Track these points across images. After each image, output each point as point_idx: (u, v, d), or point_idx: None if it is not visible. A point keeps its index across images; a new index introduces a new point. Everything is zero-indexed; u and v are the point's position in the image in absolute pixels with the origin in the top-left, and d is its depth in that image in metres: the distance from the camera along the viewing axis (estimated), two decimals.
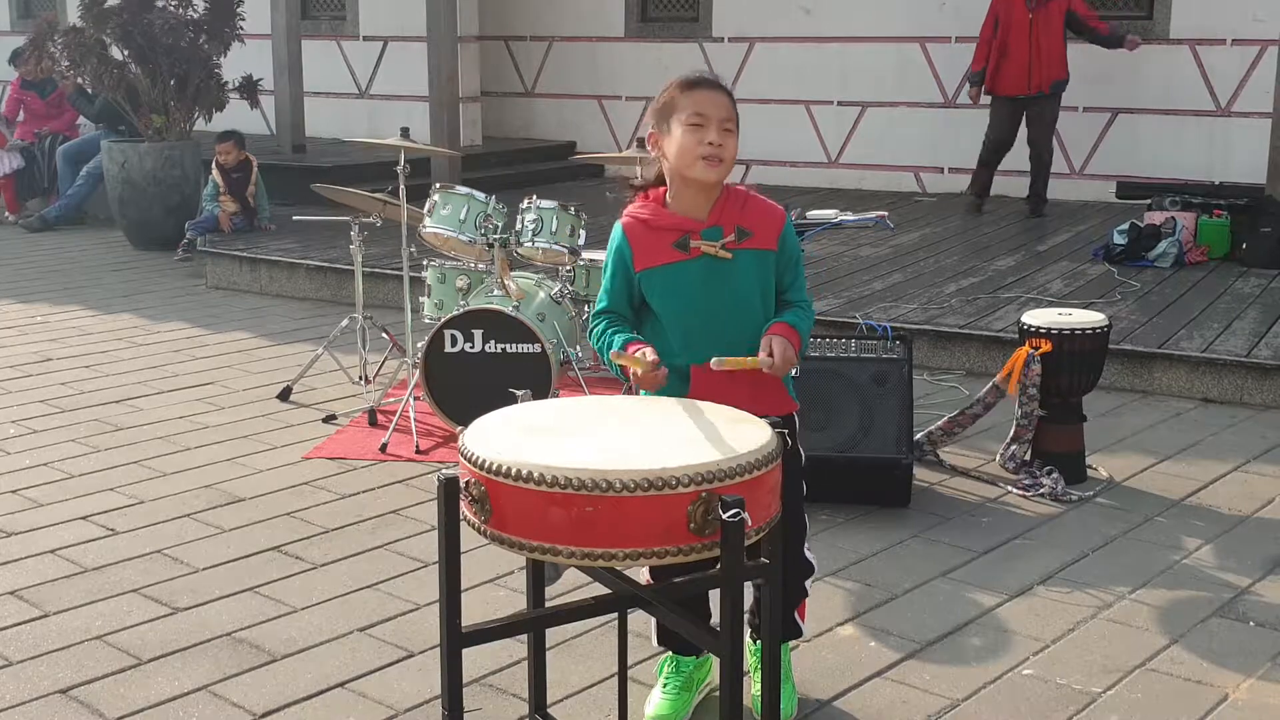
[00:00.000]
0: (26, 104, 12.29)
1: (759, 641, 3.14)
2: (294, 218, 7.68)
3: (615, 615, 2.99)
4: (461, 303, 5.60)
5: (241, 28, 10.53)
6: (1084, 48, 9.95)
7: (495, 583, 4.18)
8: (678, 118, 3.03)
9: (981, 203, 10.31)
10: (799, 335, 3.07)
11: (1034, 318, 5.15)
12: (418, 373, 5.57)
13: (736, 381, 3.01)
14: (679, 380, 3.09)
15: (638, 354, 2.94)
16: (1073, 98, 10.12)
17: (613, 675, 3.24)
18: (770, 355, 2.96)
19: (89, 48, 10.28)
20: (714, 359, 2.92)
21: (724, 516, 2.37)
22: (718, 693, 2.90)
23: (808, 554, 3.41)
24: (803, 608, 3.48)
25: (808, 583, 3.46)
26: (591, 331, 3.17)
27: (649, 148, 3.15)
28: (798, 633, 3.52)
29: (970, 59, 10.10)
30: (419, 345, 5.61)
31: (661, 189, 3.16)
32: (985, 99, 10.03)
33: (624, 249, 3.12)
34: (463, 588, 2.60)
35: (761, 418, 2.68)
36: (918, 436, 5.20)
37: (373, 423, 5.84)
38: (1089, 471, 5.18)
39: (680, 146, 3.02)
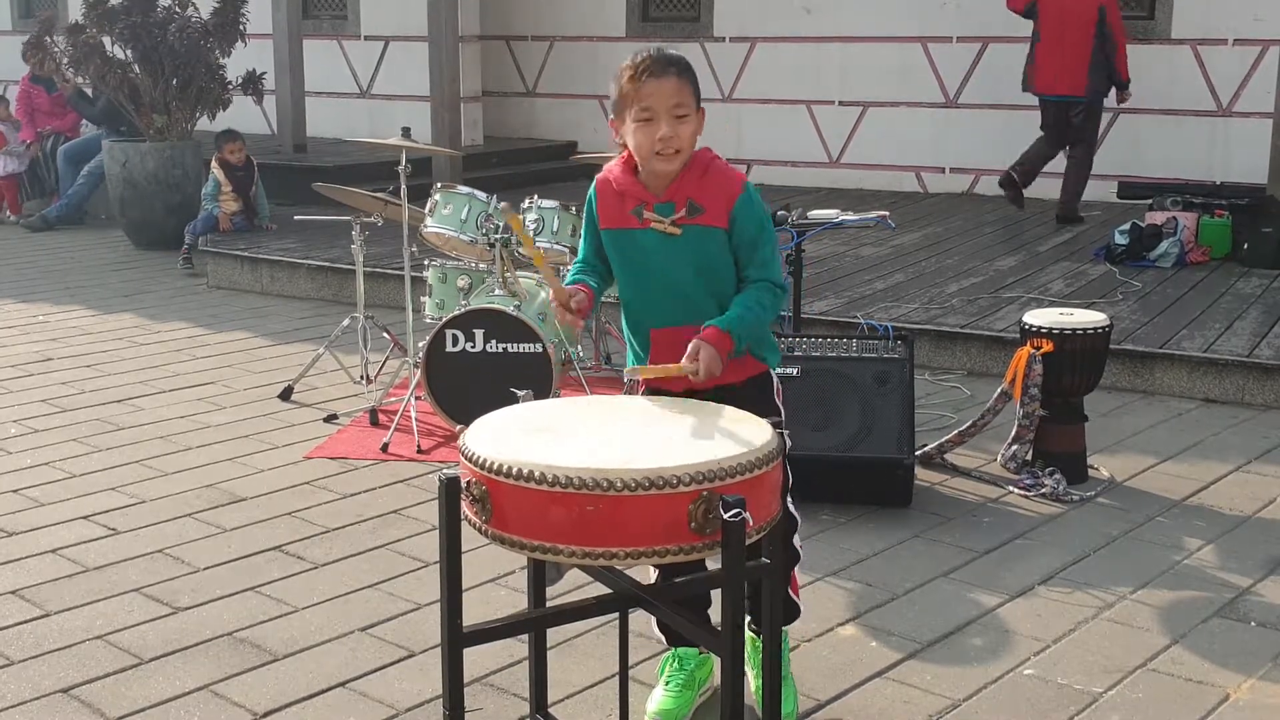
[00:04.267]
0: (34, 99, 12.27)
1: (758, 633, 3.12)
2: (295, 217, 7.67)
3: (616, 615, 2.99)
4: (463, 302, 5.60)
5: (244, 27, 10.52)
6: None
7: (496, 582, 4.18)
8: (629, 111, 3.00)
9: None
10: (731, 339, 2.93)
11: (1035, 318, 5.15)
12: (419, 372, 5.57)
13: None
14: (639, 342, 3.17)
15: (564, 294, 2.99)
16: None
17: (614, 675, 3.24)
18: (695, 362, 2.87)
19: (91, 48, 10.27)
20: (627, 369, 2.95)
21: (725, 516, 2.37)
22: (719, 692, 2.90)
23: (790, 508, 3.16)
24: (794, 584, 3.39)
25: (796, 539, 3.32)
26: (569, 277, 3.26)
27: (613, 134, 3.13)
28: (795, 613, 3.42)
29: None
30: (420, 345, 5.61)
31: None
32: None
33: (593, 203, 3.18)
34: (464, 587, 2.60)
35: (753, 418, 2.68)
36: (928, 448, 5.20)
37: (374, 422, 5.84)
38: (1090, 471, 5.18)
39: (635, 142, 3.02)
